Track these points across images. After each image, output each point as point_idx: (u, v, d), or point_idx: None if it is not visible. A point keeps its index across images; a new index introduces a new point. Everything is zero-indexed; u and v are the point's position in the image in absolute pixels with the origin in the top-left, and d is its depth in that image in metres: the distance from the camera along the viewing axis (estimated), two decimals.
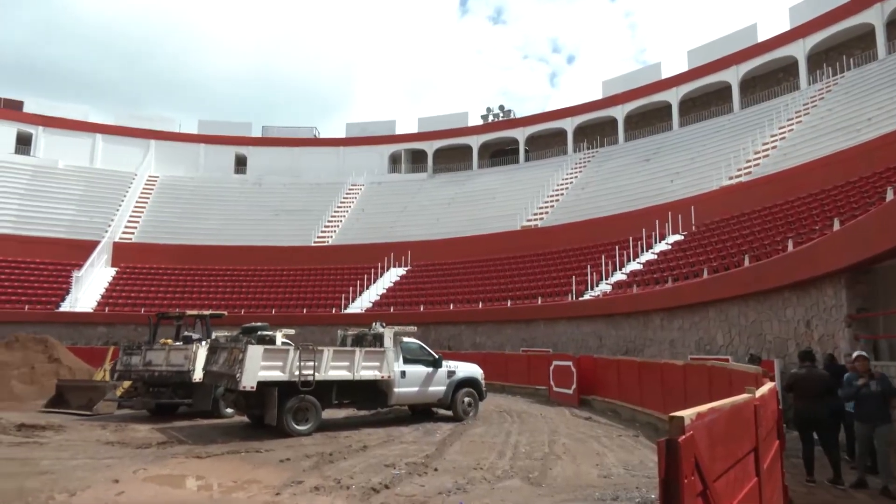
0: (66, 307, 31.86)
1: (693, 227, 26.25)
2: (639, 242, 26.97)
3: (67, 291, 32.86)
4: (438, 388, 13.79)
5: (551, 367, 18.43)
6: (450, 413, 14.04)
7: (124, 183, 43.92)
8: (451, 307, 28.89)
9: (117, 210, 41.18)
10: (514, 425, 13.19)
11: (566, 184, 39.94)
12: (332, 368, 12.19)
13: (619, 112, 42.25)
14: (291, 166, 48.17)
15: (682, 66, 40.33)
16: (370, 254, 36.60)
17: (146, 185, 44.85)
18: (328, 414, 12.93)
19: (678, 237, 26.34)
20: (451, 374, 14.05)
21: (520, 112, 49.44)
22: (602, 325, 20.79)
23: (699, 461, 2.62)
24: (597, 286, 24.93)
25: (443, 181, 46.34)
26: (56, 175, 42.55)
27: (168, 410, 14.81)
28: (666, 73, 41.02)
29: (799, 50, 34.16)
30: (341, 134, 51.28)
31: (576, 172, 40.95)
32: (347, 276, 35.41)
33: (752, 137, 31.66)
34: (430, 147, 48.33)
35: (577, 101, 54.28)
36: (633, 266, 25.37)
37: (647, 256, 25.83)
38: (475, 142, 47.39)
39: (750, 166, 29.28)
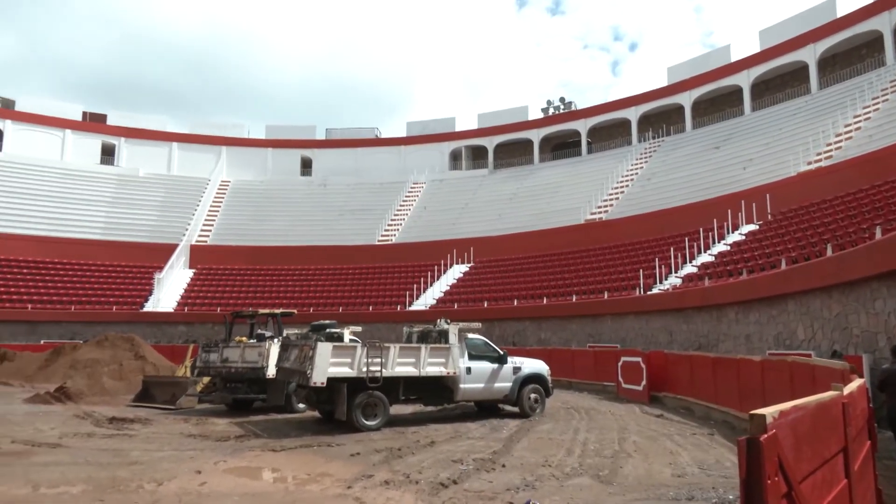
0: (149, 307, 33.76)
1: (769, 216, 24.98)
2: (710, 233, 25.94)
3: (150, 292, 34.80)
4: (504, 384, 13.74)
5: (620, 363, 18.02)
6: (516, 410, 13.96)
7: (199, 188, 46.05)
8: (516, 303, 28.73)
9: (193, 214, 43.23)
10: (582, 422, 12.98)
11: (631, 175, 38.91)
12: (399, 365, 12.35)
13: (686, 99, 40.74)
14: (355, 167, 49.15)
15: (754, 48, 38.52)
16: (433, 251, 36.90)
17: (219, 189, 46.87)
18: (396, 409, 13.13)
19: (752, 227, 25.13)
20: (516, 370, 13.97)
21: (581, 103, 48.51)
22: (672, 320, 20.13)
23: (783, 461, 2.49)
24: (666, 280, 24.16)
25: (504, 176, 46.11)
26: (138, 183, 45.11)
27: (244, 405, 15.43)
28: (736, 56, 39.24)
29: (885, 23, 31.86)
30: (402, 133, 51.91)
31: (641, 163, 39.82)
32: (411, 273, 35.83)
33: (832, 119, 29.81)
34: (490, 143, 48.18)
35: (640, 89, 52.71)
36: (705, 258, 24.42)
37: (719, 248, 24.80)
38: (536, 135, 46.88)
39: (831, 150, 27.59)
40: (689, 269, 24.18)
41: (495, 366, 13.70)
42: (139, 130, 47.89)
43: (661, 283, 24.07)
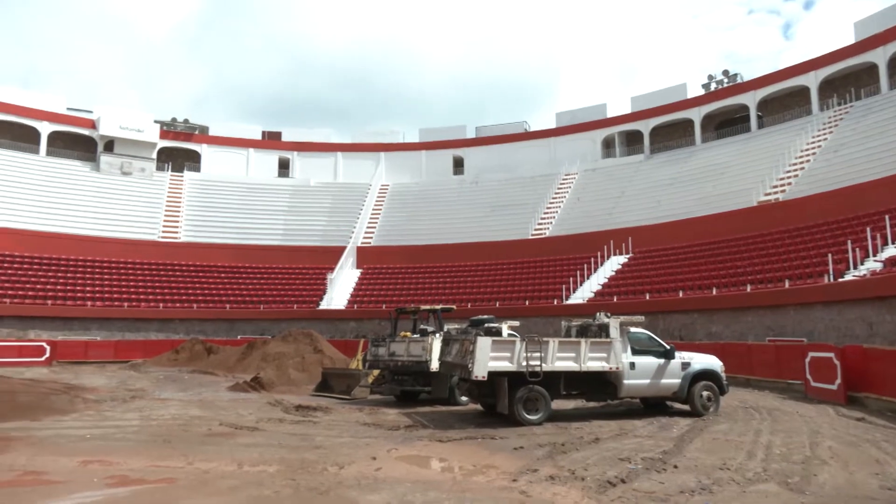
0: (323, 305, 36.85)
1: None
2: None
3: (324, 292, 37.97)
4: (672, 380, 12.99)
5: (807, 359, 16.15)
6: (686, 407, 13.15)
7: (362, 193, 49.30)
8: (681, 294, 27.02)
9: (358, 218, 46.39)
10: (765, 423, 11.85)
11: (812, 148, 34.69)
12: (559, 359, 12.20)
13: (880, 56, 35.34)
14: (505, 162, 49.42)
15: None
16: (588, 243, 35.93)
17: (379, 193, 49.79)
18: (557, 405, 13.00)
19: None
20: (685, 365, 13.14)
21: (747, 75, 44.06)
22: (872, 310, 17.64)
23: None
24: (862, 264, 21.24)
25: (662, 161, 43.53)
26: (309, 192, 49.43)
27: (411, 397, 16.24)
28: None
29: None
30: (551, 124, 51.11)
31: (824, 134, 35.34)
32: (567, 266, 35.22)
33: None
34: (645, 126, 45.74)
35: (820, 51, 46.76)
36: None
37: None
38: (696, 114, 43.59)
39: None
40: (891, 251, 21.01)
41: (661, 361, 13.01)
42: (309, 144, 52.42)
43: (855, 268, 21.20)
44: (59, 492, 7.06)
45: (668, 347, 13.27)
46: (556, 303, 31.60)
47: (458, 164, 51.73)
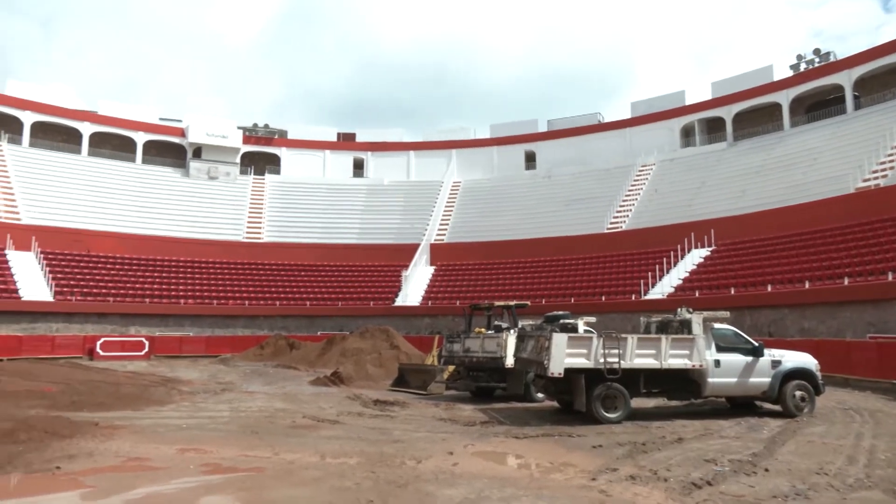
0: (398, 302, 37.50)
1: None
2: None
3: (399, 288, 38.63)
4: (761, 379, 12.35)
5: None
6: (777, 408, 12.47)
7: (434, 191, 49.74)
8: (769, 288, 25.58)
9: (430, 215, 46.85)
10: (867, 426, 11.05)
11: None
12: (638, 356, 11.87)
13: None
14: (578, 155, 48.43)
15: None
16: (667, 236, 34.64)
17: (451, 190, 50.07)
18: (637, 403, 12.65)
19: None
20: (775, 363, 12.46)
21: (841, 53, 41.01)
22: None
23: None
24: None
25: (746, 148, 41.30)
26: (383, 191, 50.40)
27: (486, 393, 16.26)
28: None
29: None
30: (626, 115, 49.59)
31: None
32: (644, 260, 34.14)
33: None
34: (727, 113, 43.53)
35: None
36: None
37: None
38: (784, 97, 41.04)
39: None
40: None
41: (749, 359, 12.41)
42: (382, 144, 53.43)
43: None
44: (161, 477, 7.58)
45: (756, 344, 12.64)
46: (633, 298, 30.70)
47: (530, 159, 51.19)
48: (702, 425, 11.33)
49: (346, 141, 54.03)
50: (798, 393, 12.34)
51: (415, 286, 38.89)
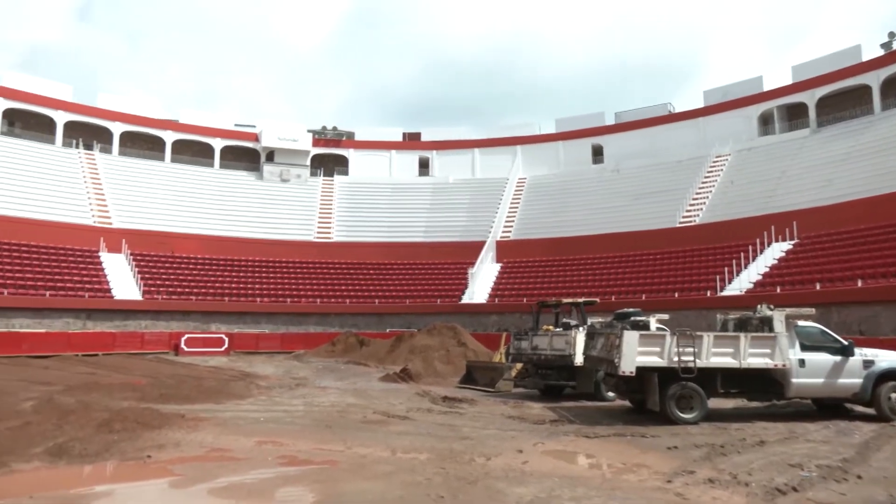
0: (465, 300, 37.62)
1: None
2: None
3: (466, 286, 38.75)
4: (851, 380, 11.61)
5: None
6: (871, 411, 11.69)
7: (499, 188, 49.56)
8: (860, 284, 23.98)
9: (496, 212, 46.71)
10: None
11: None
12: (715, 355, 11.42)
13: None
14: (647, 148, 46.98)
15: None
16: (745, 229, 33.06)
17: (516, 186, 49.71)
18: (715, 403, 12.16)
19: None
20: (867, 363, 11.68)
21: None
22: None
23: None
24: None
25: (831, 134, 38.82)
26: (448, 189, 50.67)
27: (555, 391, 16.06)
28: None
29: None
30: (699, 104, 47.61)
31: None
32: (720, 255, 32.74)
33: None
34: (810, 98, 41.04)
35: None
36: None
37: None
38: (875, 79, 38.28)
39: None
40: None
41: (837, 358, 11.69)
42: (446, 142, 53.71)
43: None
44: (242, 468, 7.94)
45: (845, 343, 11.89)
46: (709, 294, 29.50)
47: (597, 153, 50.07)
48: (786, 428, 10.78)
49: (411, 140, 54.66)
50: (894, 395, 11.53)
51: (481, 283, 38.90)
